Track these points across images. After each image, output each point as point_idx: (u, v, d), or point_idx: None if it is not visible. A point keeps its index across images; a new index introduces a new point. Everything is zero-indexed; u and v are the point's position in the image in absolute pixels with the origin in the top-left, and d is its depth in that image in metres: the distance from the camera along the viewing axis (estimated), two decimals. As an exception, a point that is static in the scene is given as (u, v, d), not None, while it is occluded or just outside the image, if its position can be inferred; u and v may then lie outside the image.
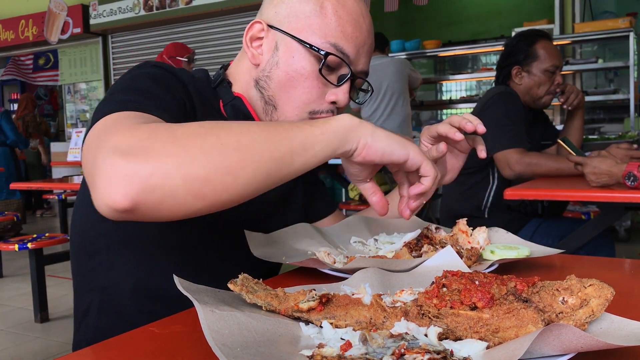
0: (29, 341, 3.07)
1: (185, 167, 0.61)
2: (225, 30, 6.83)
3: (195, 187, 0.62)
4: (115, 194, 0.59)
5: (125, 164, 0.59)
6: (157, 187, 0.60)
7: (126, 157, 0.60)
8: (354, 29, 0.94)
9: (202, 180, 0.62)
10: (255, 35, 0.98)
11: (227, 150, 0.64)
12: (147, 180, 0.59)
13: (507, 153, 2.19)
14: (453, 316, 0.55)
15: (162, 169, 0.60)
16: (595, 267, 0.97)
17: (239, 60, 1.03)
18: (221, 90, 1.00)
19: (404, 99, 4.78)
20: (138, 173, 0.59)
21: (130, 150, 0.61)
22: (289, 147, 0.68)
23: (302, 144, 0.69)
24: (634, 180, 1.64)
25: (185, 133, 0.64)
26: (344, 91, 0.95)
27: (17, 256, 4.90)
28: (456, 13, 8.01)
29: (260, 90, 0.97)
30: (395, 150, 0.74)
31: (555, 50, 2.40)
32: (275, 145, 0.67)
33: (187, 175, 0.61)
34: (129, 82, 0.84)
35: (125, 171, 0.59)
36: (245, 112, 0.98)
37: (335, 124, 0.72)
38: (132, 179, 0.59)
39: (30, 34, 8.13)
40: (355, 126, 0.73)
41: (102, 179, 0.60)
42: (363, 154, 0.74)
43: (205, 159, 0.62)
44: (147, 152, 0.61)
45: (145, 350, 0.60)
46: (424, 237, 0.96)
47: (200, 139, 0.63)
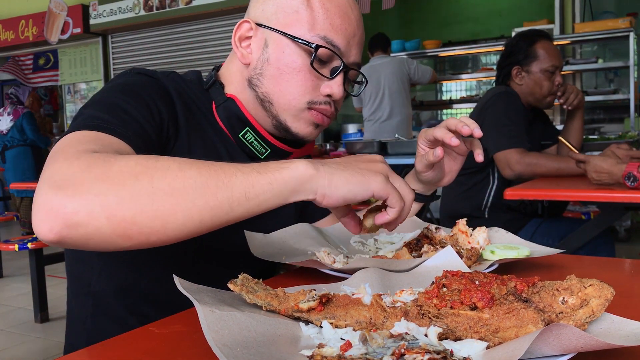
0: (29, 341, 3.07)
1: (111, 208, 0.61)
2: (225, 30, 6.82)
3: (120, 229, 0.61)
4: (41, 226, 0.60)
5: (53, 198, 0.60)
6: (81, 224, 0.60)
7: (56, 190, 0.61)
8: (342, 20, 0.94)
9: (128, 222, 0.61)
10: (244, 35, 0.98)
11: (158, 194, 0.62)
12: (71, 217, 0.60)
13: (507, 153, 2.19)
14: (453, 316, 0.55)
15: (88, 207, 0.60)
16: (595, 267, 0.97)
17: (230, 62, 1.03)
18: (213, 92, 1.00)
19: (404, 98, 4.79)
20: (63, 209, 0.60)
21: (61, 183, 0.61)
22: (229, 195, 0.64)
23: (244, 193, 0.65)
24: (634, 181, 1.64)
25: (120, 171, 0.63)
26: (338, 83, 0.95)
27: (17, 256, 4.90)
28: (456, 13, 8.01)
29: (253, 88, 0.97)
30: (356, 193, 0.69)
31: (555, 50, 2.40)
32: (211, 193, 0.63)
33: (113, 216, 0.61)
34: (106, 95, 0.85)
35: (52, 205, 0.60)
36: (238, 113, 0.98)
37: (286, 174, 0.67)
38: (57, 214, 0.60)
39: (30, 34, 8.13)
40: (310, 177, 0.67)
41: (35, 208, 0.61)
42: (324, 203, 0.70)
43: (133, 201, 0.61)
44: (77, 188, 0.61)
45: (145, 350, 0.60)
46: (424, 237, 0.96)
47: (132, 180, 0.62)
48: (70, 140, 0.72)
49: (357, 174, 0.70)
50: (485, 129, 2.59)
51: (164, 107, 0.88)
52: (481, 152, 0.95)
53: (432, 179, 1.04)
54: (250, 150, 0.99)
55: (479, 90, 7.54)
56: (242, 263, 0.93)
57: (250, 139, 0.98)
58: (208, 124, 0.98)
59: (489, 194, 2.36)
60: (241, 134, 0.98)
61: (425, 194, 1.11)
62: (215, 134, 0.98)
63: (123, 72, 0.92)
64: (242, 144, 0.99)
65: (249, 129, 0.98)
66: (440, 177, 1.05)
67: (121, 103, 0.82)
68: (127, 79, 0.90)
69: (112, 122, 0.77)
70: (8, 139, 6.34)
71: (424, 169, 1.02)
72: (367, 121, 4.88)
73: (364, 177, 0.70)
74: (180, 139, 0.91)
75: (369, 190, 0.70)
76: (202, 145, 0.95)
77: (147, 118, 0.84)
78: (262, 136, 0.99)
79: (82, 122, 0.76)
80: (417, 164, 1.04)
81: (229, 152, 0.99)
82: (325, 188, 0.68)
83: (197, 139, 0.94)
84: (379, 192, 0.70)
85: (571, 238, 2.04)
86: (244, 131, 0.98)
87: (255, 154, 1.00)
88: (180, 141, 0.91)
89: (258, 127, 0.98)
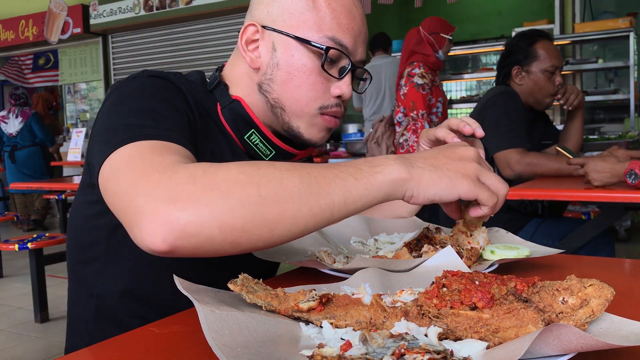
0: (29, 341, 3.07)
1: (222, 216, 0.61)
2: (225, 30, 6.82)
3: (231, 237, 0.62)
4: (155, 238, 0.61)
5: (165, 211, 0.61)
6: (194, 234, 0.61)
7: (166, 203, 0.61)
8: (348, 19, 0.93)
9: (239, 230, 0.62)
10: (250, 38, 0.96)
11: (266, 202, 0.63)
12: (185, 227, 0.60)
13: (507, 153, 2.19)
14: (453, 316, 0.55)
15: (201, 218, 0.61)
16: (595, 267, 0.97)
17: (234, 63, 1.01)
18: (218, 93, 0.99)
19: (405, 99, 4.78)
20: (178, 221, 0.60)
21: (170, 196, 0.62)
22: (330, 202, 0.66)
23: (344, 199, 0.67)
24: (635, 178, 1.64)
25: (225, 180, 0.63)
26: (347, 84, 0.95)
27: (17, 256, 4.90)
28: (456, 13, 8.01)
29: (264, 94, 0.96)
30: (443, 197, 0.72)
31: (555, 50, 2.40)
32: (315, 200, 0.65)
33: (224, 225, 0.62)
34: (133, 101, 0.82)
35: (165, 218, 0.61)
36: (243, 115, 0.97)
37: (380, 178, 0.69)
38: (171, 226, 0.60)
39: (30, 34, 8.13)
40: (402, 180, 0.69)
41: (144, 221, 0.62)
42: (411, 201, 0.72)
43: (243, 210, 0.62)
44: (187, 199, 0.61)
45: (145, 350, 0.60)
46: (424, 237, 0.96)
47: (239, 188, 0.63)
48: (141, 152, 0.70)
49: (445, 177, 0.71)
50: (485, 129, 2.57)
51: (186, 107, 0.88)
52: (482, 152, 0.95)
53: None
54: (255, 152, 0.99)
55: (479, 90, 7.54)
56: (242, 263, 0.93)
57: (256, 141, 0.98)
58: (214, 124, 0.97)
59: (489, 194, 2.36)
60: (246, 136, 0.98)
61: None
62: (220, 135, 0.97)
63: (134, 75, 0.91)
64: (247, 146, 0.98)
65: (254, 130, 0.97)
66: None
67: (155, 106, 0.81)
68: (143, 81, 0.88)
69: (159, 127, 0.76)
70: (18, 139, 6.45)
71: None
72: (368, 121, 4.88)
73: (450, 182, 0.71)
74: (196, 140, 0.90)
75: (454, 194, 0.72)
76: (209, 146, 0.94)
77: (180, 118, 0.84)
78: (267, 138, 0.98)
79: (130, 133, 0.74)
80: None
81: (233, 153, 0.98)
82: (414, 190, 0.70)
83: (205, 140, 0.93)
84: (465, 195, 0.73)
85: (571, 238, 2.04)
86: (249, 133, 0.97)
87: (260, 155, 0.99)
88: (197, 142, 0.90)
89: (263, 128, 0.98)
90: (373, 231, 1.09)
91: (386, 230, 1.09)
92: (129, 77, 0.90)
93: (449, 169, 0.72)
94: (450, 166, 0.73)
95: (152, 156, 0.69)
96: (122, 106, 0.82)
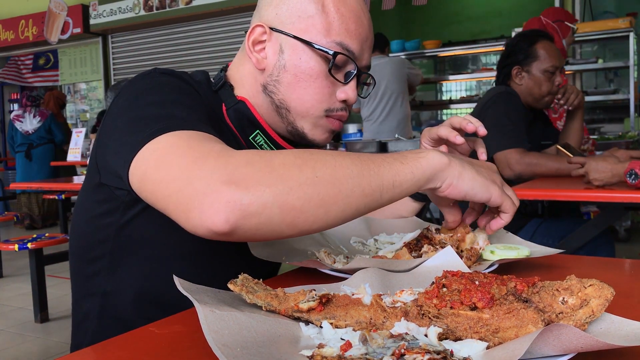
0: (29, 341, 3.07)
1: (282, 197, 0.63)
2: (225, 30, 6.83)
3: (289, 217, 0.64)
4: (217, 219, 0.62)
5: (228, 191, 0.62)
6: (255, 214, 0.63)
7: (228, 184, 0.62)
8: (356, 25, 0.94)
9: (297, 211, 0.64)
10: (258, 39, 0.96)
11: (322, 183, 0.66)
12: (247, 207, 0.62)
13: (507, 153, 2.19)
14: (453, 316, 0.55)
15: (262, 198, 0.63)
16: (595, 267, 0.97)
17: (240, 64, 1.01)
18: (223, 93, 0.99)
19: (403, 98, 4.79)
20: (240, 201, 0.62)
21: (230, 178, 0.63)
22: (380, 184, 0.69)
23: (392, 181, 0.70)
24: (636, 178, 1.64)
25: (282, 163, 0.66)
26: (352, 88, 0.95)
27: (17, 256, 4.90)
28: (456, 13, 8.01)
29: (269, 95, 0.96)
30: (477, 193, 0.77)
31: (555, 50, 2.40)
32: (366, 181, 0.68)
33: (284, 205, 0.64)
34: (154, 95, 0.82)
35: (228, 198, 0.62)
36: (249, 116, 0.97)
37: (425, 163, 0.73)
38: (234, 206, 0.62)
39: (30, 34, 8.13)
40: (444, 166, 0.74)
41: (206, 203, 0.62)
42: (447, 192, 0.76)
43: (301, 190, 0.64)
44: (248, 181, 0.63)
45: (145, 350, 0.60)
46: (423, 237, 0.96)
47: (296, 170, 0.65)
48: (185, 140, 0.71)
49: (481, 176, 0.77)
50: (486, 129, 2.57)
51: (202, 102, 0.89)
52: (484, 152, 0.95)
53: None
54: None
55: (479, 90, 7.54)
56: (242, 263, 0.93)
57: (260, 142, 0.98)
58: (221, 124, 0.97)
59: (489, 194, 2.36)
60: (251, 137, 0.98)
61: (426, 194, 1.11)
62: (226, 135, 0.97)
63: (145, 73, 0.90)
64: (252, 146, 0.99)
65: (259, 131, 0.98)
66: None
67: (179, 99, 0.82)
68: (156, 79, 0.87)
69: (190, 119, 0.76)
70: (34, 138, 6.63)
71: None
72: (366, 121, 4.88)
73: (486, 181, 0.77)
74: None
75: (488, 193, 0.77)
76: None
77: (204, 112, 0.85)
78: (272, 139, 0.98)
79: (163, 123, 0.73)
80: None
81: None
82: (454, 178, 0.75)
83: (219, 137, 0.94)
84: (495, 199, 0.78)
85: (571, 238, 2.03)
86: (254, 134, 0.98)
87: None
88: None
89: (268, 129, 0.98)
90: (373, 231, 1.09)
91: (386, 230, 1.09)
92: (140, 75, 0.89)
93: (480, 172, 0.78)
94: (483, 171, 0.79)
95: (199, 144, 0.70)
96: (141, 100, 0.82)
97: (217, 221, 0.62)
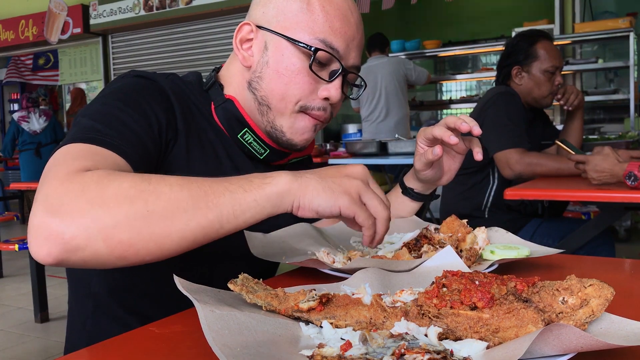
0: (29, 341, 3.07)
1: (108, 232, 0.63)
2: (225, 30, 6.82)
3: (118, 251, 0.64)
4: (41, 252, 0.63)
5: (51, 223, 0.62)
6: (79, 248, 0.63)
7: (53, 215, 0.63)
8: (342, 23, 0.94)
9: (125, 245, 0.64)
10: (245, 37, 0.98)
11: (153, 218, 0.65)
12: (70, 242, 0.62)
13: (507, 153, 2.19)
14: (453, 316, 0.55)
15: (86, 233, 0.62)
16: (595, 267, 0.97)
17: (230, 63, 1.03)
18: (212, 92, 1.00)
19: (401, 98, 4.79)
20: (62, 235, 0.62)
21: (57, 208, 0.63)
22: (218, 215, 0.68)
23: (232, 211, 0.68)
24: (634, 180, 1.64)
25: (114, 194, 0.65)
26: (336, 87, 0.95)
27: (17, 256, 4.90)
28: (456, 13, 8.01)
29: (252, 91, 0.97)
30: (325, 208, 0.72)
31: (555, 50, 2.40)
32: (202, 214, 0.67)
33: (110, 239, 0.63)
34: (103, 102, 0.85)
35: (49, 230, 0.62)
36: (236, 115, 0.98)
37: (269, 189, 0.70)
38: (55, 239, 0.62)
39: (30, 34, 8.13)
40: (288, 190, 0.71)
41: (32, 234, 0.63)
42: (299, 214, 0.73)
43: (129, 225, 0.64)
44: (73, 213, 0.63)
45: (145, 350, 0.60)
46: (423, 237, 0.96)
47: (127, 204, 0.64)
48: (65, 154, 0.73)
49: (328, 189, 0.72)
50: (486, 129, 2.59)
51: (161, 112, 0.88)
52: (480, 151, 0.95)
53: (431, 177, 1.05)
54: (249, 150, 1.00)
55: (479, 90, 7.54)
56: (242, 263, 0.93)
57: (249, 140, 0.99)
58: (207, 124, 0.98)
59: (489, 194, 2.36)
60: (240, 135, 0.99)
61: (425, 193, 1.11)
62: (214, 134, 0.98)
63: (122, 75, 0.93)
64: (241, 144, 0.99)
65: (248, 129, 0.98)
66: (439, 176, 1.05)
67: (118, 113, 0.82)
68: (125, 81, 0.90)
69: (108, 133, 0.78)
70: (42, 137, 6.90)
71: (423, 168, 1.02)
72: (365, 121, 4.88)
73: (333, 194, 0.72)
74: (178, 141, 0.91)
75: (335, 207, 0.72)
76: (200, 145, 0.95)
77: (144, 127, 0.84)
78: (260, 137, 0.99)
79: (78, 134, 0.77)
80: (416, 163, 1.04)
81: (227, 152, 0.99)
82: (300, 200, 0.72)
83: (195, 140, 0.94)
84: (344, 211, 0.73)
85: (571, 238, 2.03)
86: (242, 132, 0.99)
87: (254, 154, 1.00)
88: (178, 143, 0.91)
89: (255, 127, 0.99)
90: (373, 231, 1.09)
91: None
92: (118, 77, 0.92)
93: (334, 182, 0.73)
94: (336, 180, 0.74)
95: (71, 160, 0.70)
96: (93, 105, 0.85)
97: (41, 254, 0.62)
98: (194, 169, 0.91)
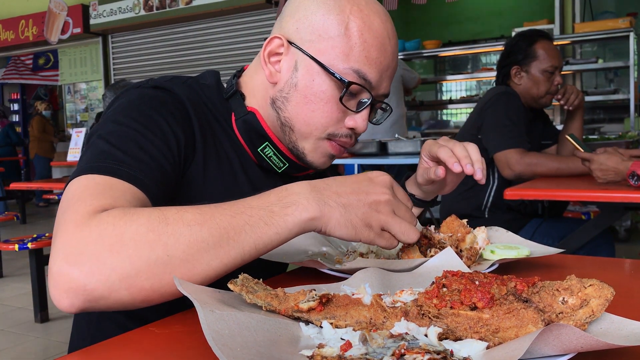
0: (29, 341, 3.07)
1: (130, 280, 0.63)
2: (225, 30, 6.82)
3: (141, 296, 0.64)
4: (62, 301, 0.63)
5: (70, 273, 0.62)
6: (102, 297, 0.63)
7: (72, 265, 0.62)
8: (379, 53, 0.89)
9: (148, 291, 0.64)
10: (274, 51, 0.93)
11: (174, 262, 0.64)
12: (92, 292, 0.62)
13: (507, 153, 2.19)
14: (453, 316, 0.55)
15: (107, 283, 0.62)
16: (595, 267, 0.97)
17: (255, 73, 0.98)
18: (234, 102, 0.96)
19: (397, 98, 4.78)
20: (83, 287, 0.62)
21: (77, 258, 0.62)
22: (240, 251, 0.68)
23: (254, 246, 0.68)
24: (638, 180, 1.65)
25: (133, 239, 0.63)
26: (363, 118, 0.92)
27: (17, 256, 4.90)
28: (456, 13, 8.01)
29: (276, 110, 0.93)
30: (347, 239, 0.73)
31: (555, 50, 2.40)
32: (224, 252, 0.67)
33: (132, 287, 0.63)
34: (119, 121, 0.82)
35: (70, 283, 0.62)
36: (257, 128, 0.95)
37: (291, 221, 0.69)
38: (77, 291, 0.62)
39: (30, 34, 8.13)
40: (311, 221, 0.70)
41: (53, 280, 0.63)
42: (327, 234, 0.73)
43: (150, 272, 0.63)
44: (92, 262, 0.62)
45: (145, 350, 0.60)
46: (423, 237, 0.95)
47: (147, 250, 0.63)
48: (83, 190, 0.71)
49: (350, 224, 0.72)
50: (485, 129, 2.59)
51: (179, 128, 0.86)
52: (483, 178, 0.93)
53: (433, 190, 1.07)
54: (268, 164, 0.97)
55: (479, 90, 7.55)
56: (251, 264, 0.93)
57: (269, 154, 0.96)
58: (225, 135, 0.96)
59: (489, 194, 2.36)
60: (260, 148, 0.96)
61: (426, 200, 1.11)
62: (231, 146, 0.96)
63: (138, 84, 0.90)
64: (260, 158, 0.97)
65: (269, 143, 0.96)
66: (441, 188, 1.06)
67: (135, 135, 0.80)
68: (142, 93, 0.87)
69: (125, 161, 0.76)
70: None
71: (425, 183, 1.03)
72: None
73: (354, 229, 0.72)
74: (196, 158, 0.89)
75: (357, 238, 0.73)
76: (217, 158, 0.93)
77: (162, 150, 0.82)
78: (281, 151, 0.97)
79: (94, 161, 0.75)
80: (418, 177, 1.04)
81: (242, 165, 0.97)
82: (321, 229, 0.72)
83: (213, 152, 0.92)
84: (365, 241, 0.74)
85: (571, 238, 2.04)
86: (263, 145, 0.96)
87: (272, 167, 0.98)
88: (196, 160, 0.89)
89: (277, 142, 0.96)
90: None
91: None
92: (133, 86, 0.90)
93: (356, 215, 0.72)
94: (359, 212, 0.73)
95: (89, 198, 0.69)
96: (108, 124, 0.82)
97: (64, 304, 0.63)
98: (210, 185, 0.90)
